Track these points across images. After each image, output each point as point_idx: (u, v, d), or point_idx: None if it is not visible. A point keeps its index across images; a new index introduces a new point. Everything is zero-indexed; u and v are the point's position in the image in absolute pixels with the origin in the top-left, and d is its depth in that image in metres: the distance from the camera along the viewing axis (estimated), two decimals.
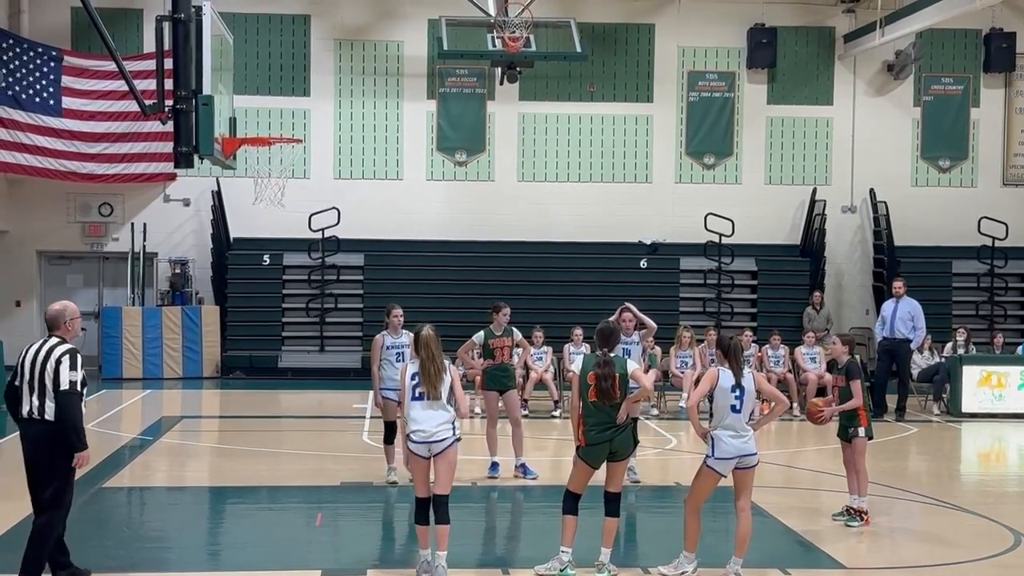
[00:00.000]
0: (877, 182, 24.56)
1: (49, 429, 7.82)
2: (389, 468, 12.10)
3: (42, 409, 7.83)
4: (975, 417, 18.22)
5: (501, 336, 12.69)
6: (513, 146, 24.34)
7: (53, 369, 7.84)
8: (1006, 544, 9.90)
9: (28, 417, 7.89)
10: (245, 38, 23.00)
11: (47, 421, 7.81)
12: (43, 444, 7.84)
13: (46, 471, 7.89)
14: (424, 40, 23.95)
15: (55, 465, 7.88)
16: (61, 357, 7.90)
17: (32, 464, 7.96)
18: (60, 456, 7.86)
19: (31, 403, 7.86)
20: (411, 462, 8.70)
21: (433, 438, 8.39)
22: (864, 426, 10.53)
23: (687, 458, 13.53)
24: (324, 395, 20.36)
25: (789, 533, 10.20)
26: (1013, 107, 25.11)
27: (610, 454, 8.64)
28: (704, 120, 24.61)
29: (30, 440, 7.93)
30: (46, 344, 8.05)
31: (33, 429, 7.88)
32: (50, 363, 7.87)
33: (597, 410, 8.57)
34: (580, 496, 8.67)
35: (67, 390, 7.81)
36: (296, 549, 9.49)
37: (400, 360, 11.91)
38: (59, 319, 8.20)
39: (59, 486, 7.94)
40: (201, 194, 23.58)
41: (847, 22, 24.59)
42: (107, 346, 22.23)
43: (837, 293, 24.64)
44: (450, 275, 23.05)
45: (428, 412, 8.45)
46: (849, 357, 10.63)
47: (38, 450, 7.88)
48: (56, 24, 23.40)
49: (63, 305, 8.31)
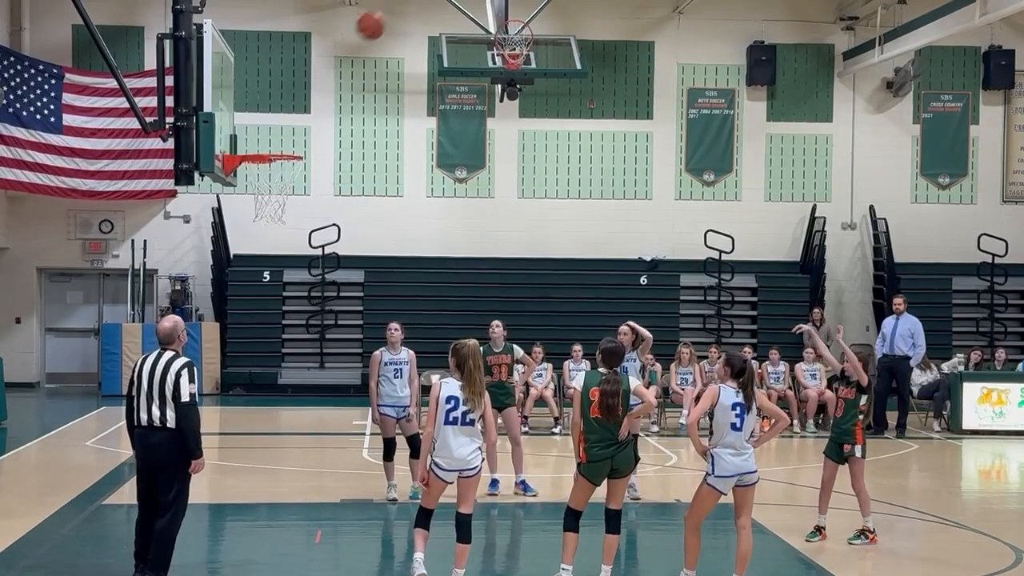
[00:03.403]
0: (877, 199, 24.58)
1: (171, 436, 8.40)
2: (389, 485, 12.07)
3: (163, 418, 8.39)
4: (976, 434, 18.20)
5: (499, 353, 12.66)
6: (513, 163, 24.37)
7: (173, 381, 8.40)
8: (1007, 562, 9.87)
9: (148, 425, 8.44)
10: (246, 55, 23.07)
11: (168, 428, 8.39)
12: (165, 450, 8.44)
13: (168, 475, 8.49)
14: (424, 57, 24.01)
15: (177, 468, 8.49)
16: (180, 370, 8.46)
17: (153, 468, 8.52)
18: (181, 460, 8.46)
19: (150, 412, 8.42)
20: (432, 482, 8.43)
21: (466, 467, 8.30)
22: (860, 445, 10.42)
23: (687, 475, 13.51)
24: (324, 412, 20.34)
25: (790, 551, 10.18)
26: (1012, 124, 25.14)
27: (611, 471, 8.59)
28: (704, 137, 24.65)
29: (150, 446, 8.48)
30: (163, 357, 8.55)
31: (154, 436, 8.44)
32: (170, 375, 8.42)
33: (599, 426, 8.52)
34: (581, 513, 8.64)
35: (187, 402, 8.42)
36: (296, 566, 9.48)
37: (398, 376, 11.89)
38: (173, 334, 8.71)
39: (180, 488, 8.57)
40: (201, 211, 23.61)
41: (846, 39, 24.65)
42: (107, 362, 22.25)
43: (837, 310, 24.63)
44: (450, 292, 23.04)
45: (461, 439, 8.29)
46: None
47: (160, 455, 8.46)
48: (57, 41, 23.46)
49: (174, 321, 8.82)
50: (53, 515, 11.17)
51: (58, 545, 10.12)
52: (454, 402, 8.30)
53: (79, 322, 24.44)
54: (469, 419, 8.31)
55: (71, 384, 23.90)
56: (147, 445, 8.50)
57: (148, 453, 8.51)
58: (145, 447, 8.52)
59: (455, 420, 8.28)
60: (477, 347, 8.45)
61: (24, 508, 11.42)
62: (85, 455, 15.51)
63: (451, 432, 8.27)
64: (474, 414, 8.31)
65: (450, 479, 8.32)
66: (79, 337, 24.34)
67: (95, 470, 13.98)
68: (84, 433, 17.34)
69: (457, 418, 8.29)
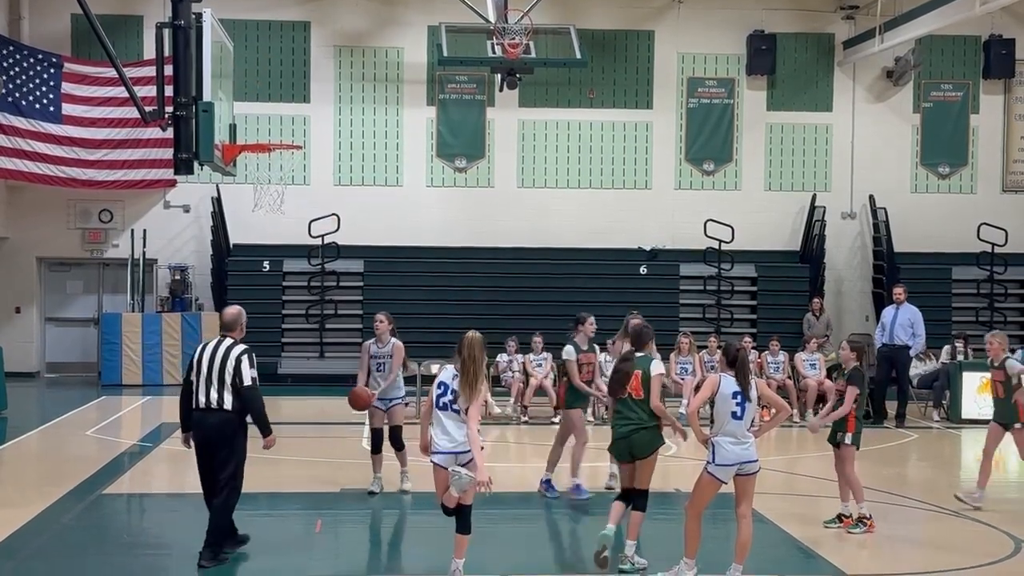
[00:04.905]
0: (877, 188, 24.56)
1: (229, 418, 8.89)
2: (375, 477, 12.03)
3: (221, 400, 8.85)
4: (975, 423, 18.18)
5: (588, 351, 12.10)
6: (513, 152, 24.35)
7: (234, 366, 8.87)
8: (1006, 550, 9.90)
9: (206, 407, 8.88)
10: (245, 45, 23.02)
11: (226, 410, 8.86)
12: (223, 430, 8.91)
13: (226, 454, 8.96)
14: (424, 47, 23.97)
15: (234, 448, 8.98)
16: (240, 356, 8.93)
17: (210, 448, 8.98)
18: (238, 440, 9.00)
19: (208, 395, 8.86)
20: (434, 474, 8.36)
21: (463, 450, 8.22)
22: (852, 433, 10.48)
23: (688, 464, 13.51)
24: (324, 401, 20.33)
25: (789, 540, 10.19)
26: (1013, 113, 25.12)
27: (630, 452, 9.05)
28: (704, 126, 24.62)
29: (208, 427, 8.93)
30: (223, 344, 9.01)
31: (212, 417, 8.90)
32: (230, 360, 8.88)
33: (621, 405, 9.17)
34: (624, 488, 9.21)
35: (250, 386, 8.92)
36: (296, 556, 9.49)
37: (380, 370, 11.82)
38: (235, 322, 9.18)
39: (236, 467, 9.04)
40: (201, 200, 23.59)
41: (846, 29, 24.61)
42: (107, 352, 22.23)
43: (837, 299, 24.63)
44: (450, 281, 23.04)
45: (451, 423, 8.25)
46: (856, 364, 10.61)
47: (218, 436, 8.92)
48: (56, 31, 23.43)
49: (237, 310, 9.29)
50: (53, 505, 11.19)
51: (58, 535, 10.14)
52: (443, 388, 8.33)
53: (79, 312, 24.44)
54: (455, 408, 8.28)
55: (71, 374, 23.90)
56: (205, 426, 8.93)
57: (206, 433, 8.94)
58: (203, 428, 8.95)
59: (444, 406, 8.31)
60: (476, 339, 8.38)
61: (24, 498, 11.43)
62: (85, 445, 15.52)
63: (443, 416, 8.31)
64: (459, 404, 8.26)
65: (447, 464, 8.23)
66: (79, 327, 24.34)
67: (95, 460, 14.00)
68: (84, 423, 17.35)
69: (446, 404, 8.30)
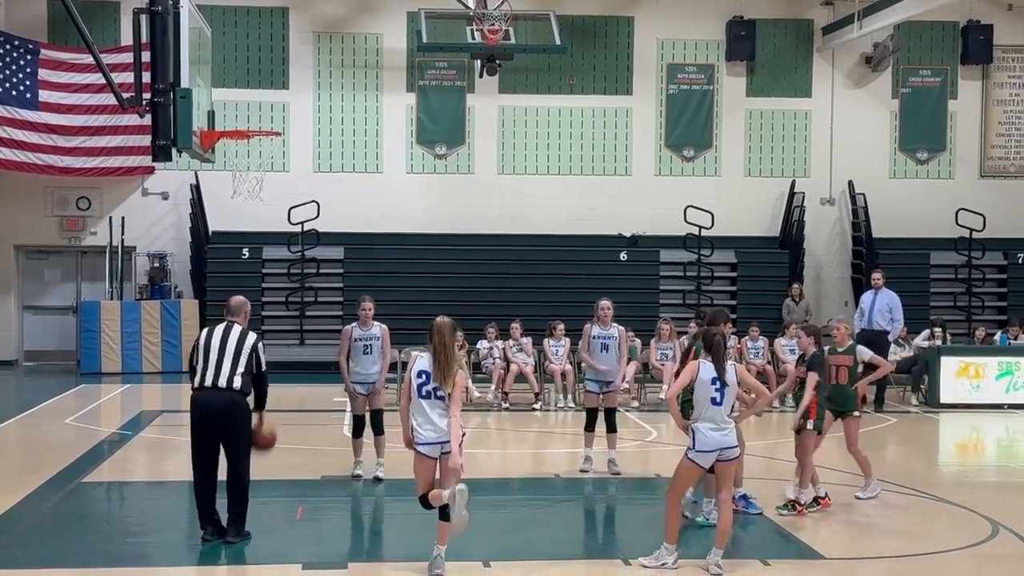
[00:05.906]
0: (855, 174, 24.65)
1: (237, 399, 9.18)
2: (356, 462, 12.05)
3: (231, 381, 9.11)
4: (953, 408, 18.34)
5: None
6: (493, 139, 24.32)
7: (249, 352, 9.27)
8: (983, 534, 9.96)
9: (212, 386, 9.10)
10: (223, 31, 22.91)
11: (233, 390, 9.13)
12: (231, 409, 9.17)
13: (235, 431, 9.22)
14: (403, 33, 23.90)
15: (243, 426, 9.26)
16: (256, 344, 9.39)
17: (213, 426, 9.15)
18: (247, 419, 9.29)
19: (218, 376, 9.10)
20: (417, 463, 8.32)
21: (446, 439, 8.16)
22: (813, 420, 10.51)
23: (668, 450, 13.56)
24: (304, 389, 20.29)
25: (769, 524, 10.24)
26: (991, 99, 25.23)
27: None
28: (683, 113, 24.64)
29: (215, 406, 9.13)
30: (233, 329, 9.38)
31: (221, 397, 9.12)
32: (245, 346, 9.28)
33: None
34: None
35: (265, 371, 9.45)
36: (277, 543, 9.48)
37: (367, 353, 11.88)
38: (241, 309, 9.65)
39: (246, 443, 9.31)
40: (179, 188, 23.48)
41: (825, 14, 24.65)
42: (85, 340, 22.13)
43: (816, 285, 24.73)
44: (430, 268, 23.01)
45: (437, 412, 8.20)
46: (815, 351, 10.65)
47: (227, 415, 9.15)
48: (32, 17, 23.24)
49: (243, 298, 9.79)
50: (32, 493, 11.13)
51: (37, 523, 10.10)
52: (424, 376, 8.25)
53: (57, 300, 24.32)
54: (439, 395, 8.25)
55: (49, 362, 23.79)
56: (211, 405, 9.13)
57: (214, 414, 9.12)
58: (207, 407, 9.14)
59: (427, 394, 8.24)
60: (445, 323, 8.30)
61: (3, 487, 11.37)
62: (64, 433, 15.46)
63: (426, 405, 8.23)
64: (442, 391, 8.22)
65: (433, 454, 8.23)
66: (57, 315, 24.22)
67: (74, 448, 13.94)
68: (63, 411, 17.27)
69: (429, 392, 8.24)
